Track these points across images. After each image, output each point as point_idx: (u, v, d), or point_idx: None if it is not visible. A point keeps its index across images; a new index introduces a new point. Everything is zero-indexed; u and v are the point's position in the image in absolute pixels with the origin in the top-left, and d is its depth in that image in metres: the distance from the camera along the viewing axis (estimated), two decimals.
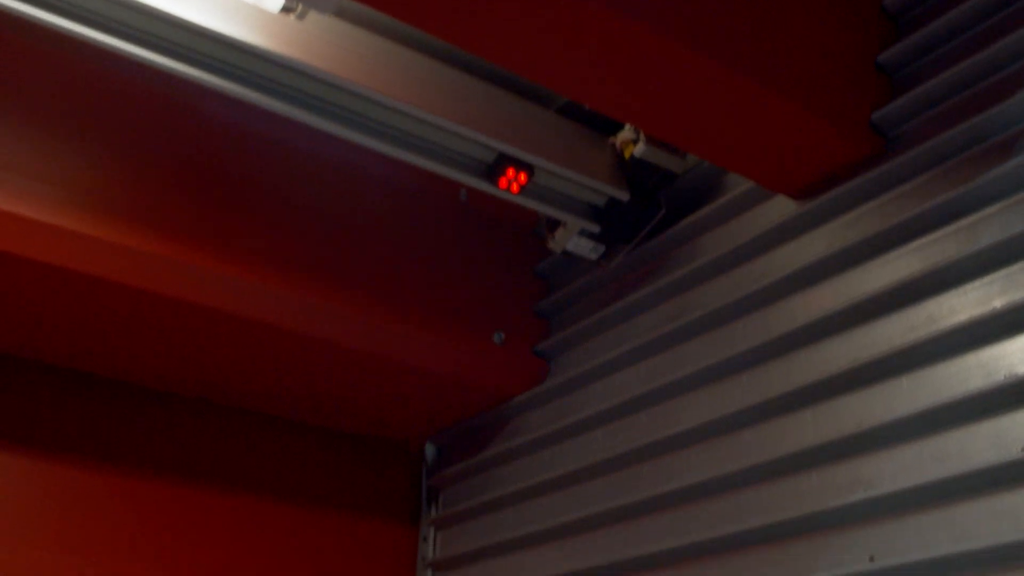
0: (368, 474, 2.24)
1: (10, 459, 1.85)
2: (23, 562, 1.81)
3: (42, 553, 1.83)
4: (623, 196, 1.82)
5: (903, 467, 1.33)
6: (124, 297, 1.67)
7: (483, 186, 1.75)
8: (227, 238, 1.73)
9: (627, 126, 1.80)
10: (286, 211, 1.82)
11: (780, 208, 1.61)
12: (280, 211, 1.81)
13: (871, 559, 1.32)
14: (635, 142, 1.78)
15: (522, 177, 1.75)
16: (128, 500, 1.94)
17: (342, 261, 1.84)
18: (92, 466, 1.92)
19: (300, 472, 2.15)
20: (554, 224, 1.91)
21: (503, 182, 1.74)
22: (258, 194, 1.80)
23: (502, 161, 1.73)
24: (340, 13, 1.56)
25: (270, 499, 2.09)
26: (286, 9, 1.50)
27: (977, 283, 1.31)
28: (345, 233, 1.87)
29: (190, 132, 1.77)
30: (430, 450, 2.31)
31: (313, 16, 1.52)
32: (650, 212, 1.83)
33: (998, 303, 1.27)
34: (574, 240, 1.89)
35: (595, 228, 1.86)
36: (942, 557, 1.24)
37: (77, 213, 1.62)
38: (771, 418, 1.52)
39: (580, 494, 1.84)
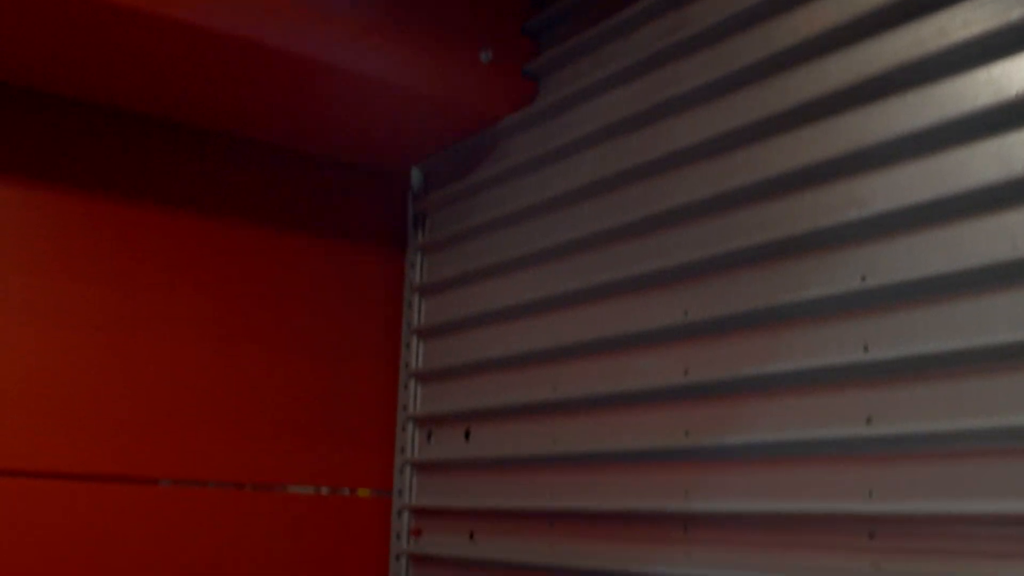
0: (354, 200, 2.22)
1: (4, 188, 1.82)
2: (19, 287, 1.81)
3: (40, 280, 1.83)
4: None
5: (900, 186, 1.30)
6: (100, 15, 1.57)
7: None
8: None
9: None
10: None
11: None
12: None
13: (863, 278, 1.32)
14: None
15: None
16: (115, 227, 1.91)
17: None
18: (79, 194, 1.88)
19: (286, 199, 2.13)
20: None
21: None
22: None
23: None
24: None
25: (257, 226, 2.07)
26: None
27: None
28: None
29: None
30: (416, 175, 2.28)
31: None
32: None
33: (1016, 14, 1.20)
34: None
35: None
36: (935, 276, 1.24)
37: None
38: (767, 137, 1.47)
39: (569, 217, 1.83)
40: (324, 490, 2.11)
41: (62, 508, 1.80)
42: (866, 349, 1.31)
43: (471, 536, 1.98)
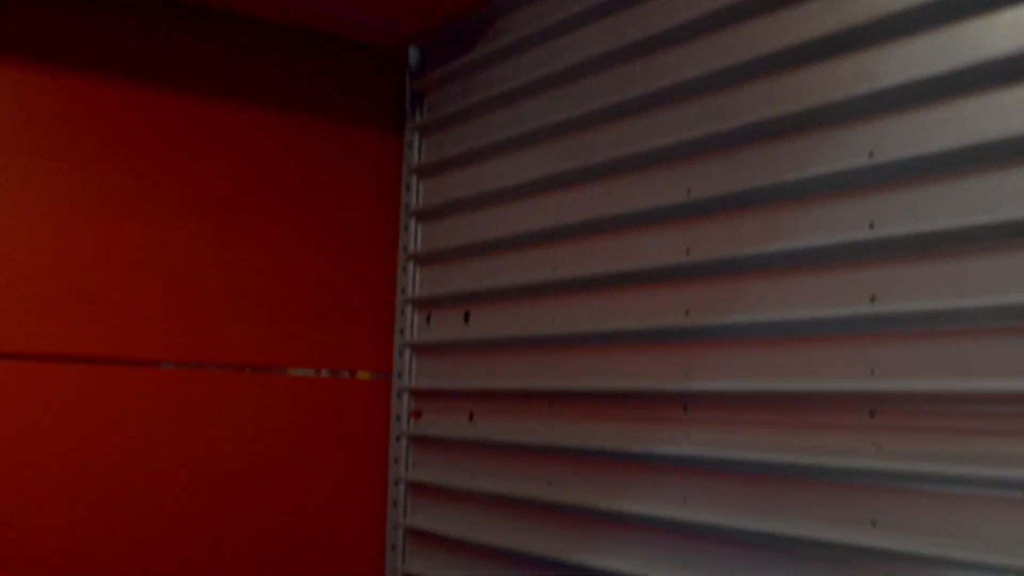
0: (351, 81, 2.17)
1: (4, 70, 1.78)
2: (24, 171, 1.79)
3: (36, 163, 1.80)
4: None
5: (912, 59, 1.26)
6: None
7: None
8: None
9: None
10: None
11: None
12: None
13: (870, 155, 1.29)
14: None
15: None
16: (109, 108, 1.87)
17: None
18: (74, 76, 1.83)
19: (282, 79, 2.08)
20: None
21: None
22: None
23: None
24: None
25: (253, 107, 2.03)
26: None
27: None
28: None
29: None
30: (413, 54, 2.23)
31: None
32: None
33: None
34: None
35: None
36: (944, 151, 1.21)
37: None
38: (775, 10, 1.42)
39: (569, 95, 1.79)
40: (324, 372, 2.12)
41: (65, 390, 1.80)
42: (872, 226, 1.29)
43: (471, 417, 1.99)
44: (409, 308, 2.18)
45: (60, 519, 1.78)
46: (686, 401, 1.53)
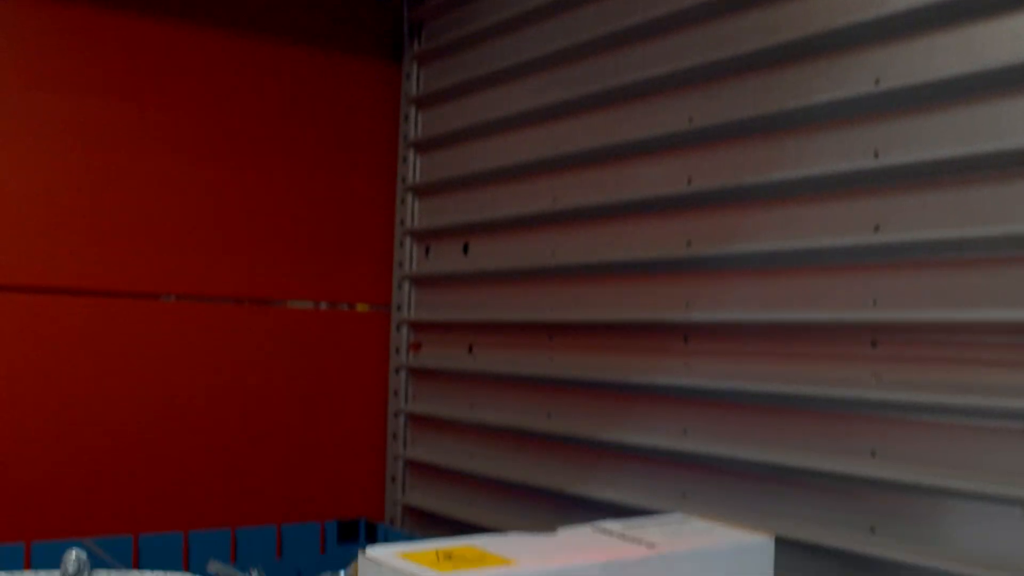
0: (348, 8, 2.13)
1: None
2: (18, 102, 1.76)
3: (39, 93, 1.77)
4: None
5: None
6: None
7: None
8: None
9: None
10: None
11: None
12: None
13: (876, 81, 1.27)
14: None
15: None
16: (104, 35, 1.84)
17: None
18: (74, 4, 1.81)
19: (278, 5, 2.04)
20: None
21: None
22: None
23: None
24: None
25: (249, 36, 2.00)
26: None
27: None
28: None
29: None
30: None
31: None
32: None
33: None
34: None
35: None
36: (951, 78, 1.19)
37: None
38: None
39: (570, 22, 1.76)
40: (323, 305, 2.11)
41: (65, 323, 1.80)
42: (876, 155, 1.27)
43: (470, 349, 1.99)
44: (408, 240, 2.17)
45: (61, 451, 1.79)
46: (686, 332, 1.52)
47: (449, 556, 0.87)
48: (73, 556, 0.98)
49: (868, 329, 1.27)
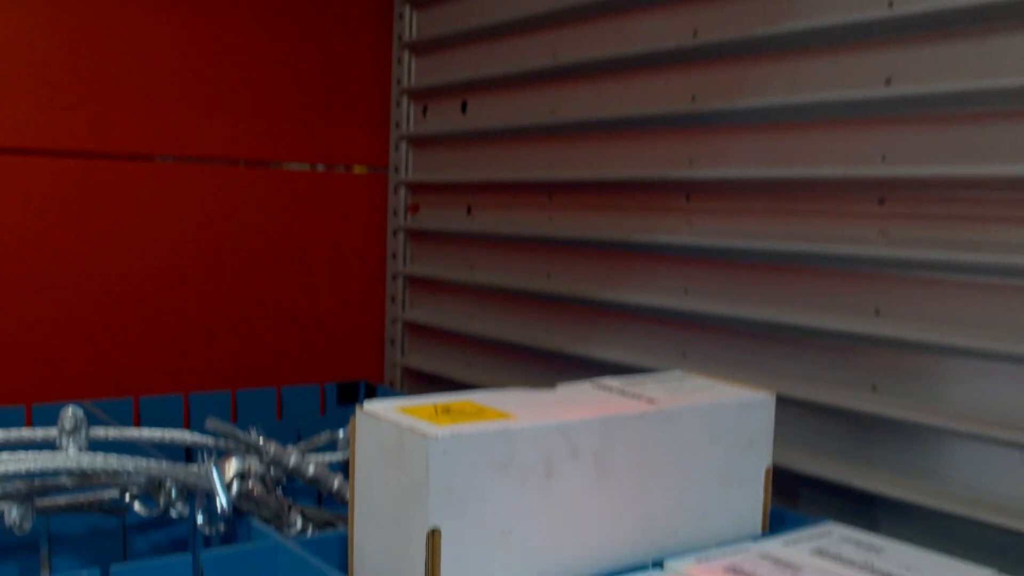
0: None
1: None
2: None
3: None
4: None
5: None
6: None
7: None
8: None
9: None
10: None
11: None
12: None
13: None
14: None
15: None
16: None
17: None
18: None
19: None
20: None
21: None
22: None
23: None
24: None
25: None
26: None
27: None
28: None
29: None
30: None
31: None
32: None
33: None
34: None
35: None
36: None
37: None
38: None
39: None
40: (319, 167, 2.08)
41: (58, 185, 1.77)
42: (890, 4, 1.21)
43: (469, 210, 1.96)
44: (405, 99, 2.12)
45: (61, 316, 1.78)
46: (689, 190, 1.49)
47: (447, 410, 0.86)
48: (70, 413, 0.97)
49: (876, 185, 1.24)
